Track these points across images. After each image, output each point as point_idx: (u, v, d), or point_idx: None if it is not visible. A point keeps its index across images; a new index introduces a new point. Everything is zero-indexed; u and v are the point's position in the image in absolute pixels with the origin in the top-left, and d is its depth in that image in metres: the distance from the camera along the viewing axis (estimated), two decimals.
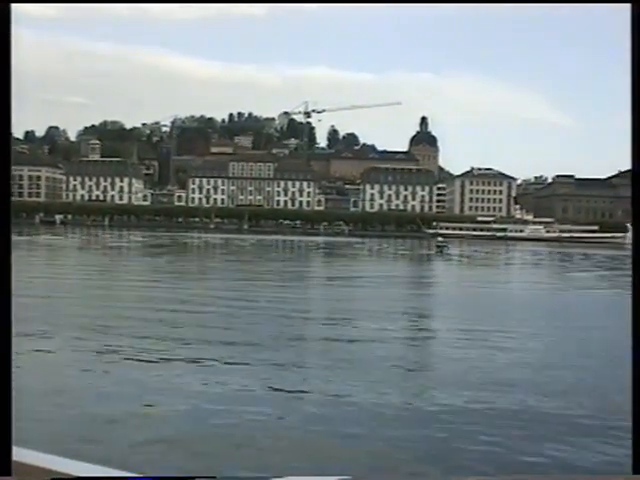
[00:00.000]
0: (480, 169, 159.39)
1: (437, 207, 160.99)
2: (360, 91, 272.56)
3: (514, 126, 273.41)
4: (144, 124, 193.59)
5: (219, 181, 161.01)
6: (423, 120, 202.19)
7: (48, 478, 1.55)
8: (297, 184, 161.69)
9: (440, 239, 69.67)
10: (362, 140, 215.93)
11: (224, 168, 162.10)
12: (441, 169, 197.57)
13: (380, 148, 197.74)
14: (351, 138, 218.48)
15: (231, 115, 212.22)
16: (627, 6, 1.71)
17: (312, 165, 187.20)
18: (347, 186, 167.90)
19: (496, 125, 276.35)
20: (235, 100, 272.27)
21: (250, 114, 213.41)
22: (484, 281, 34.83)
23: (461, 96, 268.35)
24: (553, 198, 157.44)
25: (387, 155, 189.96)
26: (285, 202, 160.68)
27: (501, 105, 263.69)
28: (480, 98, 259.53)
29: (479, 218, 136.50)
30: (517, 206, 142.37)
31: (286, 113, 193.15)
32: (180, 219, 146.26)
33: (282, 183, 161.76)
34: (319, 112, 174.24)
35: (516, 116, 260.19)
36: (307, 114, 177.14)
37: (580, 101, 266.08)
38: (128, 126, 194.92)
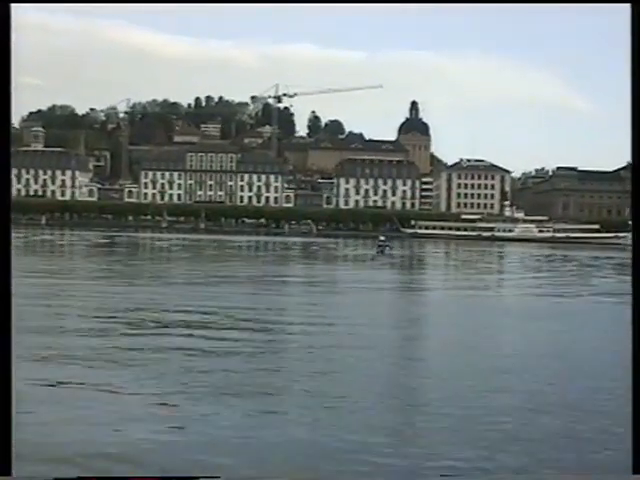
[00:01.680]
0: (470, 160, 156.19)
1: (423, 203, 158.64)
2: (350, 72, 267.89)
3: (525, 112, 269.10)
4: (92, 109, 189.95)
5: (175, 174, 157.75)
6: (413, 105, 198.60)
7: (49, 478, 1.93)
8: (263, 178, 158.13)
9: (382, 238, 70.18)
10: (347, 128, 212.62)
11: (181, 160, 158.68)
12: (438, 160, 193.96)
13: (374, 138, 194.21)
14: (335, 126, 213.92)
15: (198, 99, 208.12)
16: (627, 6, 1.82)
17: (287, 156, 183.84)
18: (321, 180, 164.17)
19: (503, 110, 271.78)
20: (205, 82, 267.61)
21: (221, 98, 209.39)
22: (365, 282, 35.40)
23: (464, 78, 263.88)
24: (552, 193, 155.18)
25: (372, 145, 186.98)
26: (249, 198, 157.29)
27: (511, 88, 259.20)
28: (486, 80, 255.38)
29: (463, 216, 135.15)
30: (507, 202, 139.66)
31: (254, 97, 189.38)
32: (130, 217, 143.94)
33: (246, 176, 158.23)
34: (291, 96, 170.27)
35: (528, 101, 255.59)
36: (278, 98, 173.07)
37: (604, 84, 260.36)
38: (81, 111, 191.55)
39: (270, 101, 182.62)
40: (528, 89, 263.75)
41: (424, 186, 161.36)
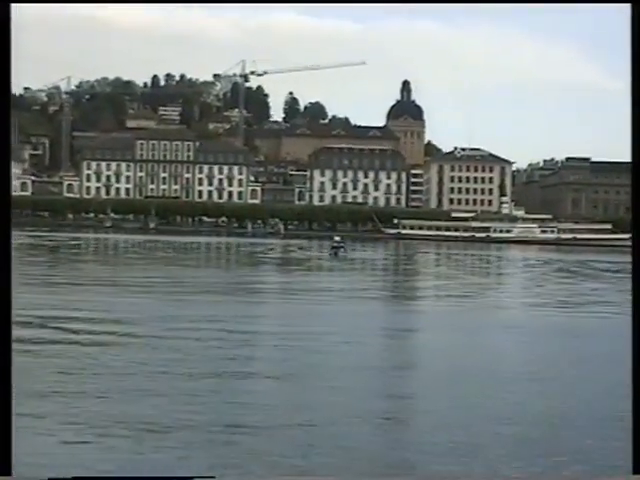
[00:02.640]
0: (465, 149, 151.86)
1: (412, 200, 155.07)
2: (339, 45, 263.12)
3: (540, 93, 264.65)
4: (27, 88, 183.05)
5: (123, 165, 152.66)
6: (405, 85, 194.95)
7: (47, 478, 1.96)
8: (226, 169, 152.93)
9: (337, 239, 68.59)
10: (330, 111, 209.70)
11: (131, 148, 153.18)
12: (437, 150, 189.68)
13: (363, 123, 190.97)
14: (316, 109, 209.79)
15: (155, 78, 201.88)
16: (627, 6, 2.01)
17: (258, 144, 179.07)
18: (293, 173, 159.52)
19: (514, 92, 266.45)
20: (168, 57, 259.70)
21: (182, 77, 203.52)
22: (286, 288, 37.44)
23: (474, 52, 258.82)
24: (561, 188, 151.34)
25: (357, 131, 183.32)
26: (209, 193, 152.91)
27: (525, 66, 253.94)
28: (501, 55, 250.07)
29: (454, 214, 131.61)
30: (505, 198, 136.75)
31: (217, 76, 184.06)
32: (70, 215, 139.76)
33: (206, 168, 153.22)
34: (260, 75, 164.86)
35: (543, 80, 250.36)
36: (244, 77, 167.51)
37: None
38: (17, 91, 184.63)
39: (238, 80, 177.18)
40: (544, 67, 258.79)
41: (414, 179, 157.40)
